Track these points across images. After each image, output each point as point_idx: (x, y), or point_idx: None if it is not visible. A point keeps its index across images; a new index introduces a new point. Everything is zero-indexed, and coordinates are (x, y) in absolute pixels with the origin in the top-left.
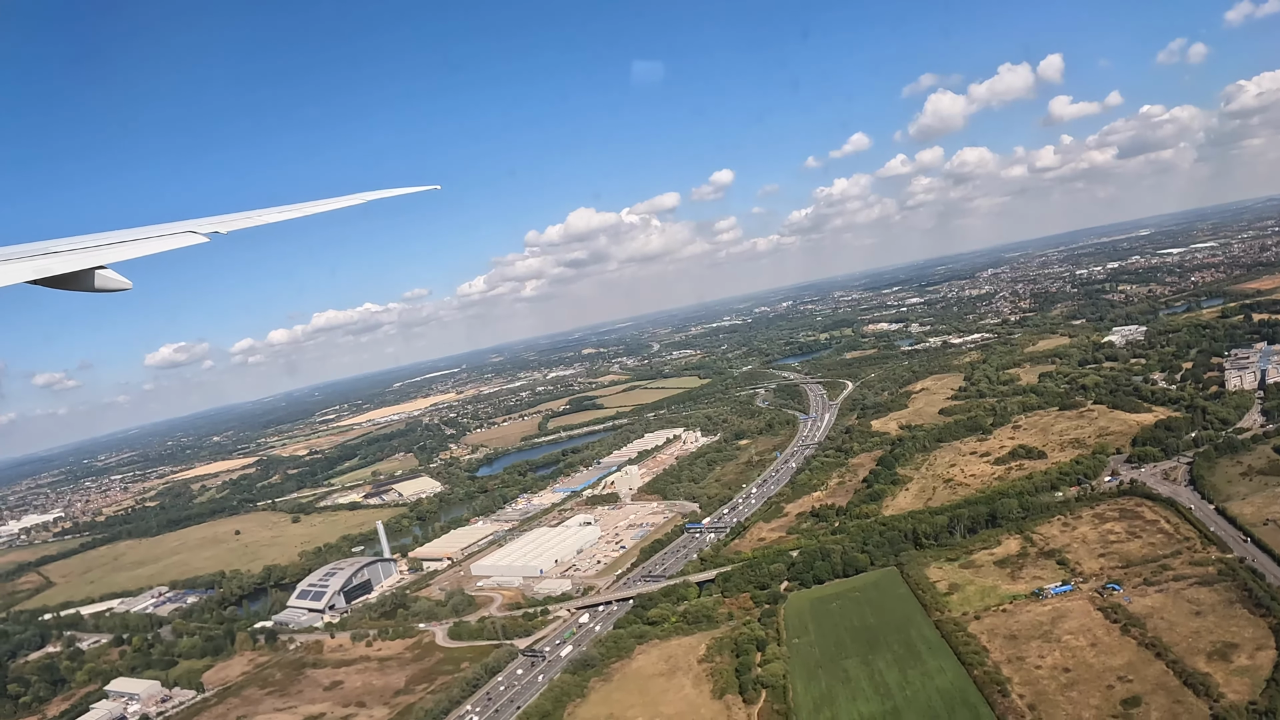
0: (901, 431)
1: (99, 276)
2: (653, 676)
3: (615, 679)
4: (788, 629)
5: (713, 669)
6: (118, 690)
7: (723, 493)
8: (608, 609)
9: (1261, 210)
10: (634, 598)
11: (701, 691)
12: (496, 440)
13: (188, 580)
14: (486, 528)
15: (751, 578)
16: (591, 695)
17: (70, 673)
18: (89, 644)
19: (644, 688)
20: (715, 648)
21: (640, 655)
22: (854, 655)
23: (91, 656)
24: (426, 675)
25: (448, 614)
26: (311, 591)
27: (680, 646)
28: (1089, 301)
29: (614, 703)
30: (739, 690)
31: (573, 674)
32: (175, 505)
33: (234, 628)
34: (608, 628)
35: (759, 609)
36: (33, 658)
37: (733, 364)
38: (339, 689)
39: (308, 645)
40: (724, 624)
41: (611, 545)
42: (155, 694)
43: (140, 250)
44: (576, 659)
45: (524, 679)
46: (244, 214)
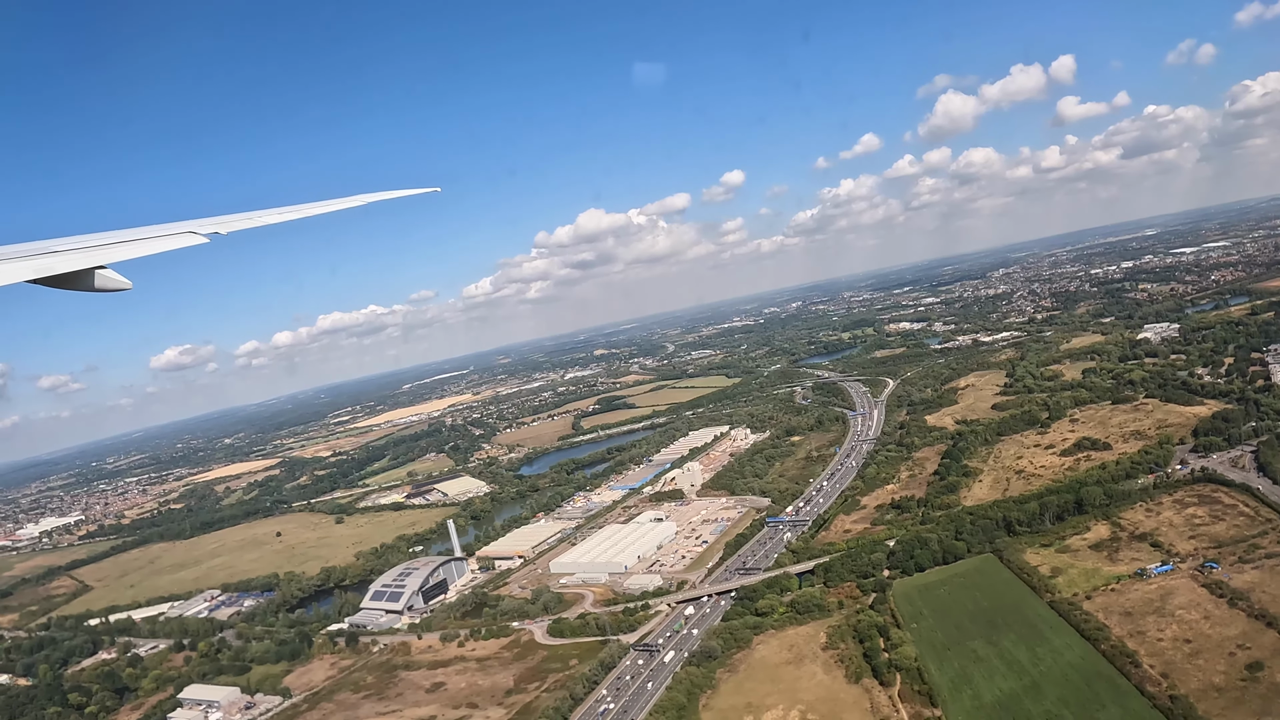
0: (959, 426)
1: (99, 276)
2: (779, 665)
3: (741, 669)
4: (902, 615)
5: (840, 655)
6: (193, 698)
7: (791, 487)
8: (711, 602)
9: (1267, 210)
10: (736, 590)
11: (835, 677)
12: (530, 440)
13: (240, 583)
14: (551, 526)
15: (852, 567)
16: (721, 686)
17: (134, 680)
18: (146, 650)
19: (774, 676)
20: (836, 635)
21: (760, 645)
22: (977, 637)
23: (153, 663)
24: (535, 674)
25: (539, 612)
26: (387, 592)
27: (798, 635)
28: (1112, 300)
29: (747, 692)
30: (873, 674)
31: (697, 666)
32: (202, 507)
33: (308, 631)
34: (714, 620)
35: (867, 597)
36: (86, 665)
37: (759, 363)
38: (442, 690)
39: (393, 647)
40: (836, 612)
41: (692, 540)
42: (236, 700)
43: (141, 250)
44: (696, 651)
45: (643, 673)
46: (245, 215)
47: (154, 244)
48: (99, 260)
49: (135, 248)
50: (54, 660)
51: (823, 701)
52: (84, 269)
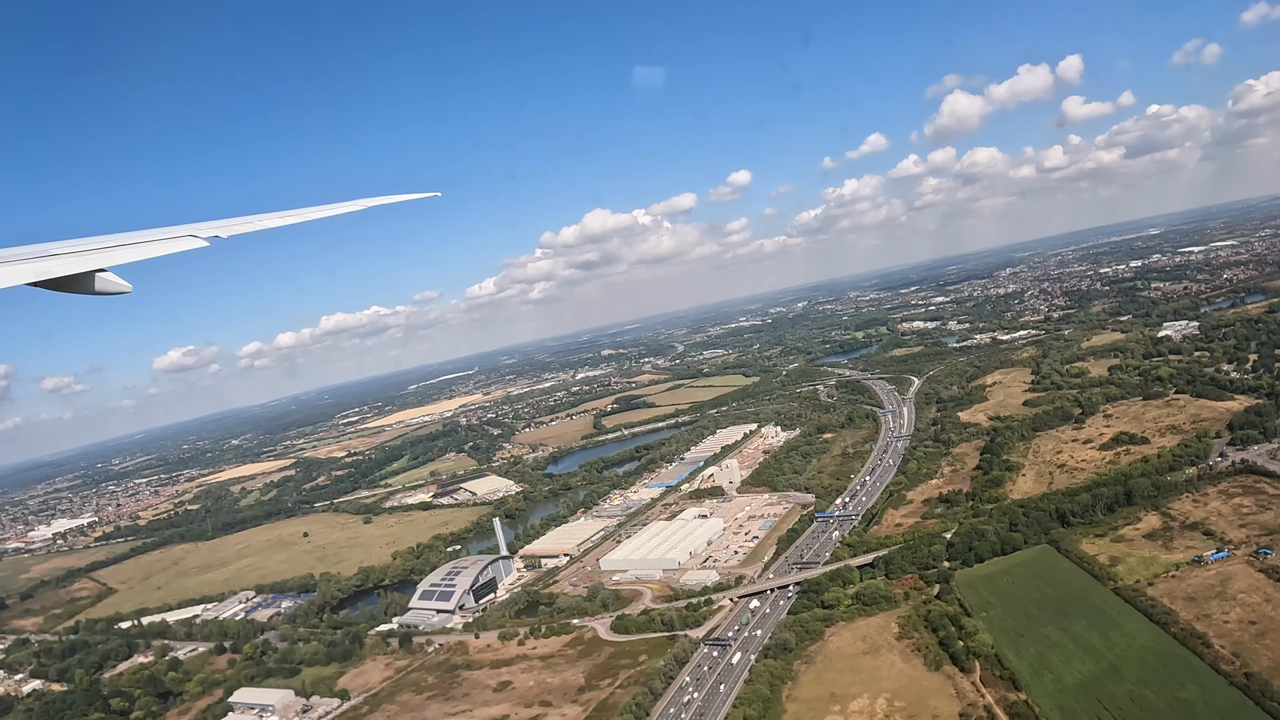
0: (993, 422)
1: (99, 279)
2: (856, 655)
3: (818, 660)
4: (970, 604)
5: (915, 644)
6: (244, 702)
7: (833, 483)
8: (774, 596)
9: (1270, 209)
10: (799, 584)
11: (914, 665)
12: (551, 439)
13: (275, 584)
14: (593, 524)
15: (912, 559)
16: (801, 677)
17: (177, 684)
18: (186, 653)
19: (852, 666)
20: (908, 625)
21: (833, 637)
22: (1049, 624)
23: (194, 666)
24: (605, 670)
25: (598, 609)
26: (437, 591)
27: (869, 626)
28: (1127, 299)
29: (828, 682)
30: (952, 661)
31: (774, 658)
32: (220, 508)
33: (358, 631)
34: (780, 614)
35: (931, 588)
36: (122, 669)
37: (775, 362)
38: (510, 689)
39: (450, 646)
40: (903, 603)
41: (741, 536)
42: (291, 704)
43: (141, 254)
44: (771, 644)
45: (718, 667)
46: (244, 219)
47: (154, 247)
48: (99, 263)
49: (135, 251)
50: (88, 665)
51: (906, 689)
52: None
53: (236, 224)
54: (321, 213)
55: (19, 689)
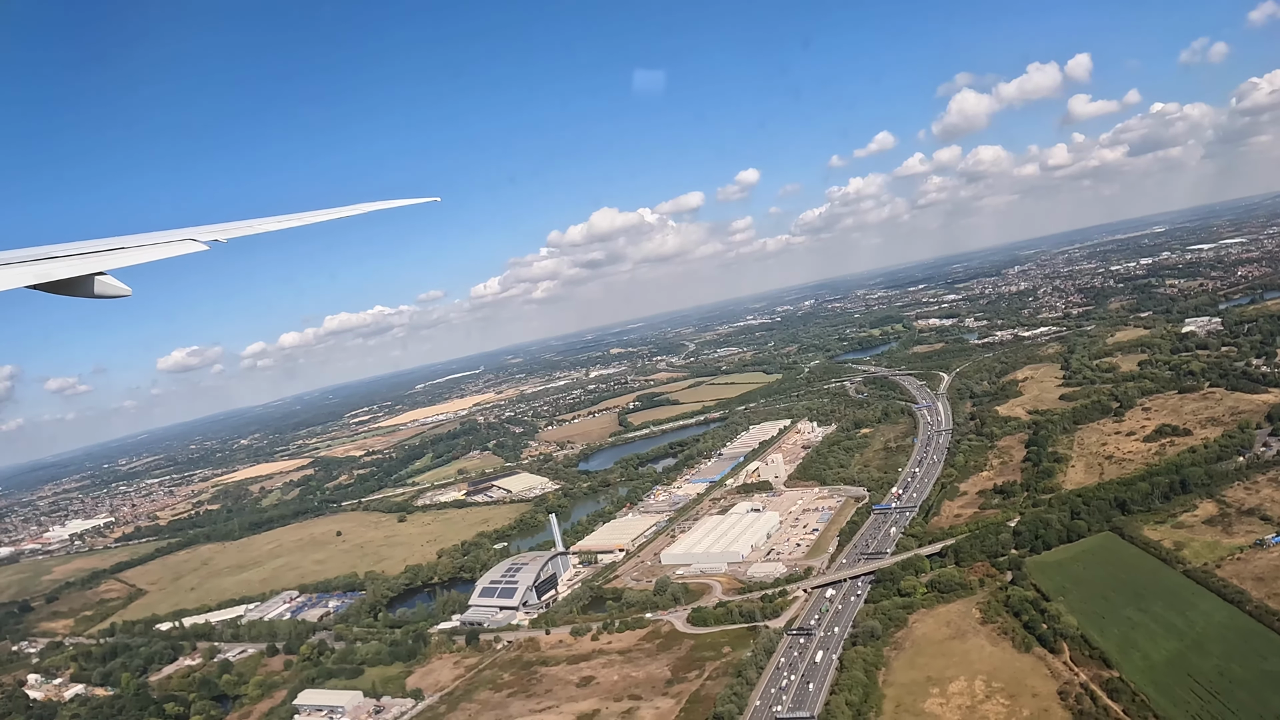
0: (1033, 416)
1: (99, 283)
2: (943, 640)
3: (907, 646)
4: (1046, 589)
5: (1000, 628)
6: (310, 704)
7: (881, 477)
8: (848, 586)
9: (1275, 206)
10: (871, 573)
11: (1003, 648)
12: (577, 436)
13: (319, 583)
14: (642, 519)
15: (981, 547)
16: (893, 663)
17: (232, 687)
18: (235, 655)
19: (942, 650)
20: (990, 610)
21: (916, 623)
22: (1127, 605)
23: (246, 668)
24: (690, 663)
25: (669, 603)
26: (498, 588)
27: (950, 613)
28: (1144, 296)
29: (921, 666)
30: (1040, 643)
31: (863, 645)
32: (241, 508)
33: (419, 630)
34: (857, 603)
35: (1004, 574)
36: (168, 672)
37: (794, 360)
38: (594, 685)
39: (519, 643)
40: (979, 590)
41: (799, 529)
42: (361, 705)
43: (140, 257)
44: (857, 632)
45: (806, 655)
46: (244, 222)
47: (154, 251)
48: (99, 266)
49: (135, 254)
50: (133, 668)
51: (1000, 671)
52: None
53: (236, 228)
54: (321, 217)
55: (60, 694)
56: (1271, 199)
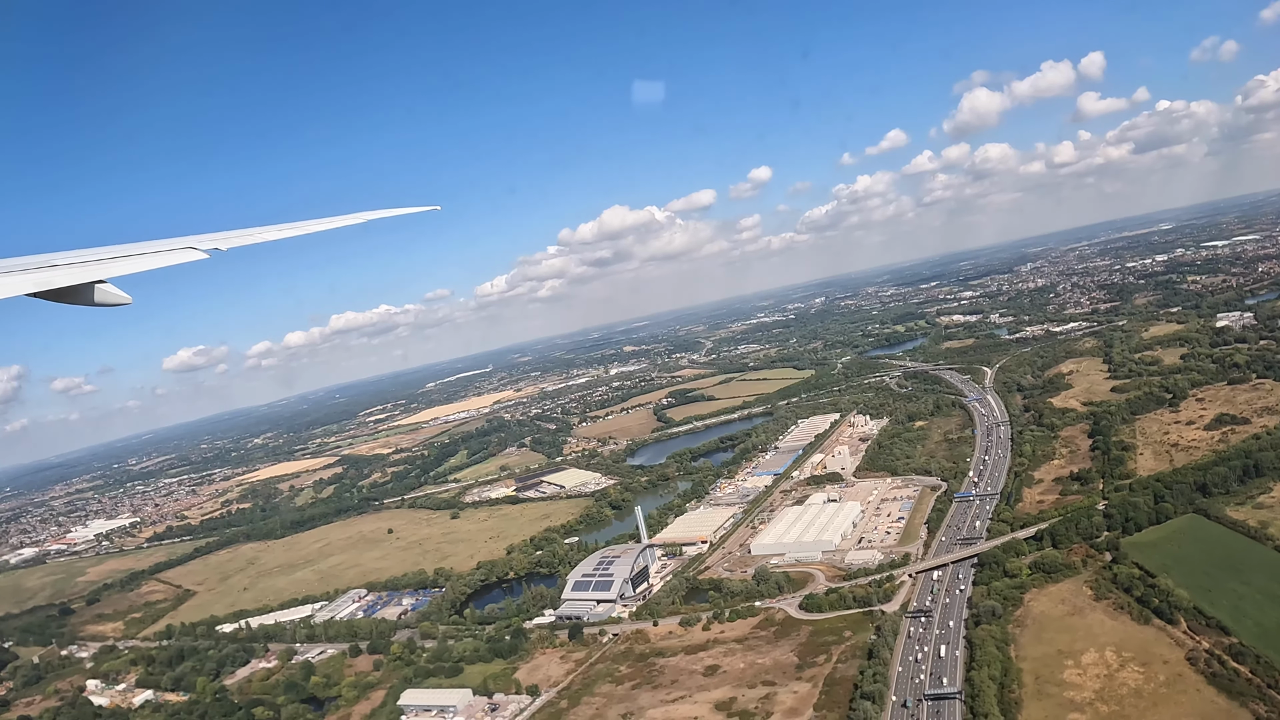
0: (1088, 407)
1: (99, 291)
2: (1062, 617)
3: (1028, 623)
4: (1148, 567)
5: (1114, 603)
6: (417, 703)
7: (951, 466)
8: (952, 569)
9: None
10: (972, 557)
11: (1121, 622)
12: (615, 432)
13: (388, 581)
14: (714, 511)
15: (1076, 530)
16: (1020, 639)
17: (322, 689)
18: (315, 655)
19: (1063, 626)
20: (1099, 587)
21: (1031, 602)
22: (1229, 579)
23: (330, 669)
24: (815, 648)
25: (772, 591)
26: (592, 582)
27: (1061, 591)
28: (1169, 292)
29: (1048, 641)
30: (1156, 615)
31: (987, 624)
32: (274, 507)
33: (517, 626)
34: (966, 586)
35: (1104, 555)
36: (242, 674)
37: (821, 356)
38: (720, 673)
39: (627, 636)
40: (1083, 570)
41: (884, 517)
42: (474, 703)
43: (141, 265)
44: (979, 611)
45: (930, 635)
46: (244, 231)
47: (154, 259)
48: (99, 275)
49: (135, 263)
50: (205, 672)
51: (1125, 642)
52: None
53: (236, 236)
54: (320, 226)
55: (128, 700)
56: (1276, 196)
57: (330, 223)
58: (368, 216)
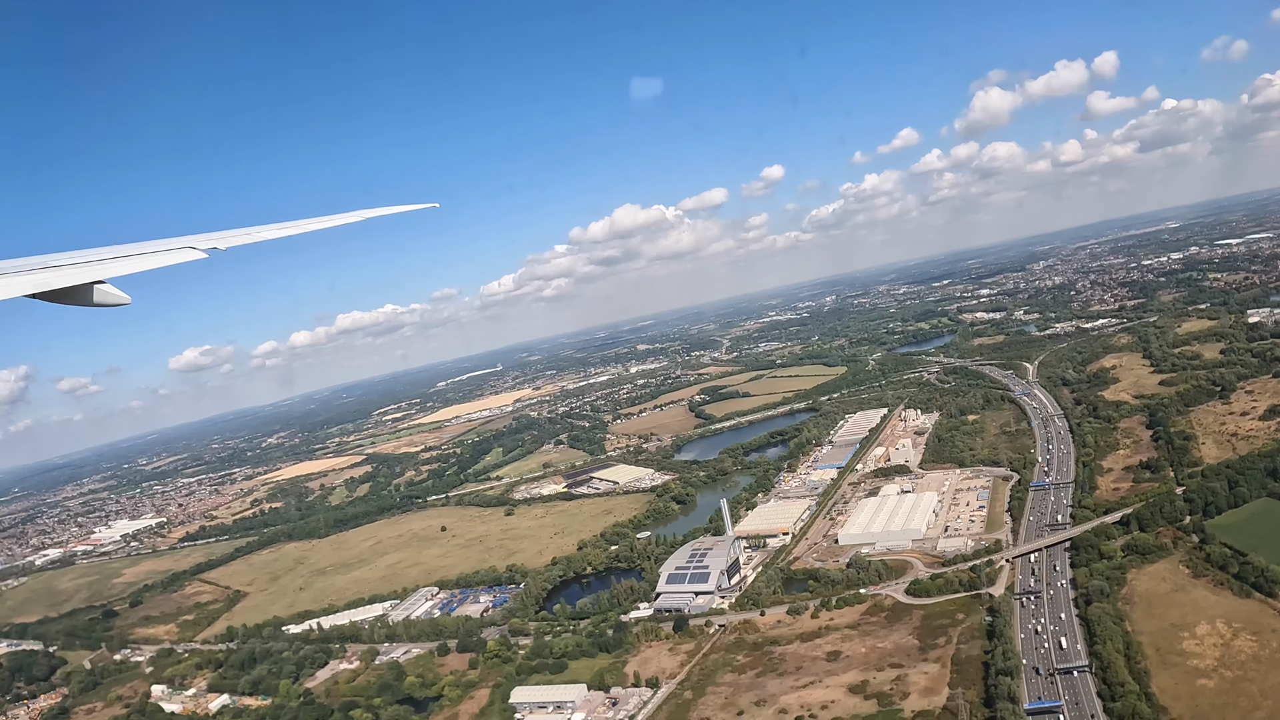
0: (1142, 400)
1: (98, 291)
2: (1166, 594)
3: (1135, 601)
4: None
5: (1213, 580)
6: (530, 701)
7: (1017, 457)
8: (1046, 553)
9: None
10: (1064, 541)
11: (1224, 596)
12: (653, 429)
13: (461, 578)
14: (787, 504)
15: (1161, 514)
16: (1131, 615)
17: (417, 689)
18: (401, 655)
19: (1170, 602)
20: (1195, 566)
21: (1133, 581)
22: None
23: (420, 669)
24: (931, 631)
25: (872, 578)
26: (688, 574)
27: (1159, 570)
28: (1193, 289)
29: (1158, 616)
30: (1256, 590)
31: (1098, 602)
32: (309, 505)
33: (610, 619)
34: (1063, 569)
35: (1190, 536)
36: (322, 676)
37: (851, 353)
38: (844, 658)
39: (734, 626)
40: (1174, 550)
41: (963, 507)
42: (592, 698)
43: (139, 265)
44: (1088, 591)
45: (1042, 614)
46: (243, 230)
47: (153, 259)
48: (97, 275)
49: (134, 263)
50: (285, 674)
51: (1233, 614)
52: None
53: (235, 235)
54: (319, 224)
55: (202, 706)
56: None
57: (329, 221)
58: (367, 215)
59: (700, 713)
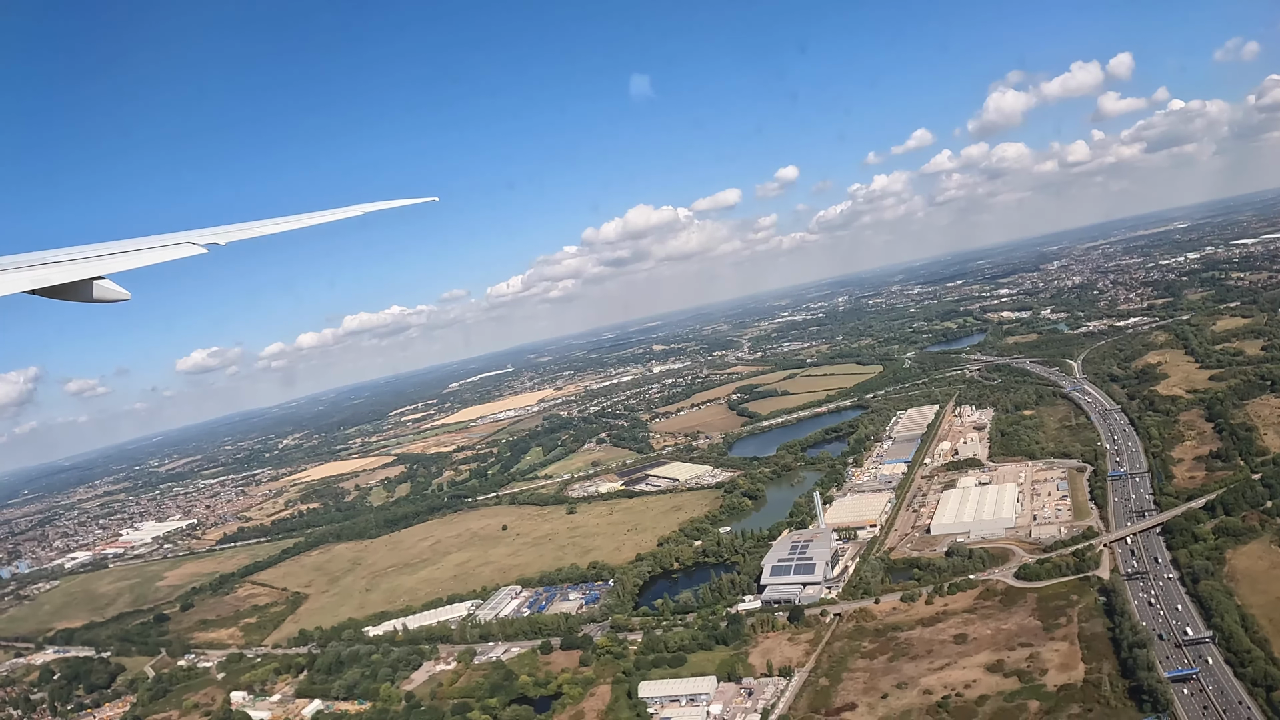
0: (1195, 394)
1: (97, 287)
2: (1267, 570)
3: (1239, 578)
4: None
5: None
6: (660, 695)
7: (1085, 449)
8: (1138, 538)
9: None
10: (1156, 526)
11: None
12: (695, 427)
13: (543, 576)
14: (867, 497)
15: (1244, 499)
16: (1238, 590)
17: (533, 687)
18: (500, 654)
19: (1272, 577)
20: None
21: (1232, 560)
22: None
23: (527, 667)
24: (1051, 611)
25: (976, 566)
26: (792, 566)
27: (1254, 550)
28: (1219, 288)
29: (1264, 591)
30: None
31: (1206, 580)
32: (350, 506)
33: (722, 611)
34: (1158, 552)
35: (1275, 519)
36: (418, 678)
37: (882, 352)
38: (970, 640)
39: (850, 614)
40: (1263, 532)
41: (1045, 497)
42: (724, 688)
43: (138, 261)
44: (1193, 570)
45: (1152, 594)
46: (242, 225)
47: (152, 254)
48: (97, 271)
49: (133, 258)
50: (379, 677)
51: None
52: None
53: (234, 231)
54: (319, 219)
55: (291, 712)
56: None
57: (328, 215)
58: (365, 209)
59: (843, 698)
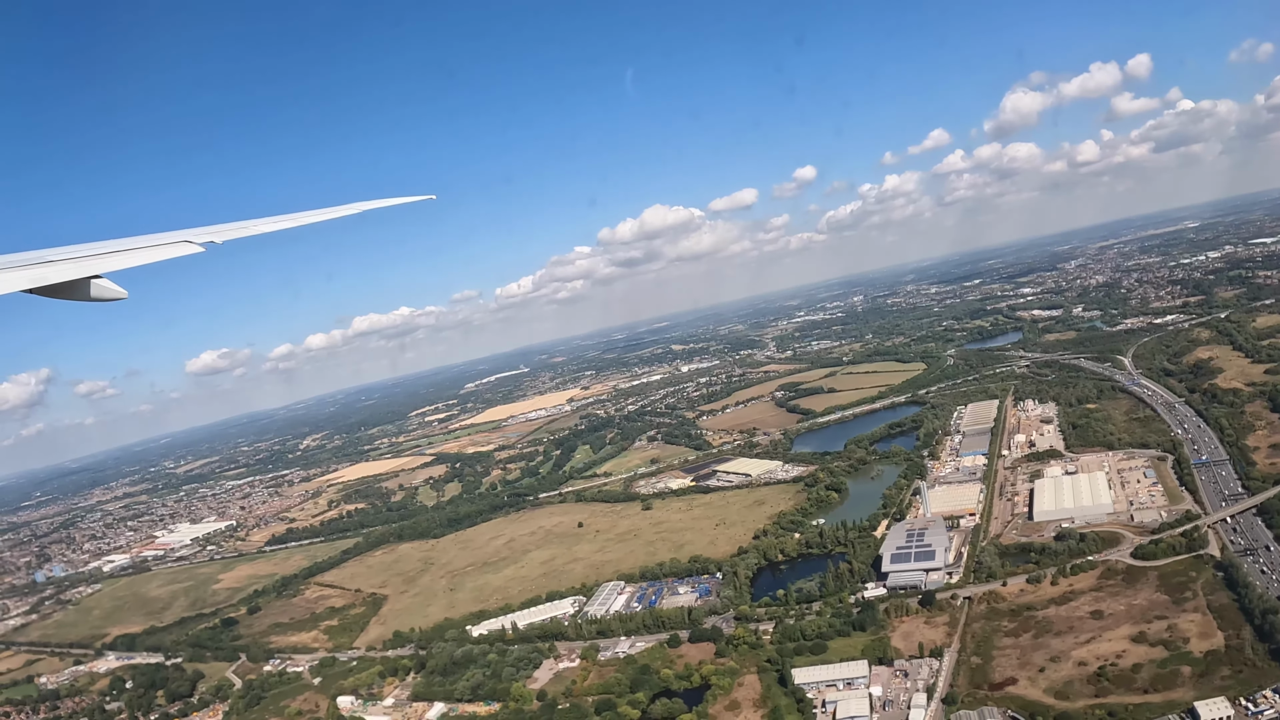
0: (1253, 387)
1: (95, 286)
2: None
3: None
4: None
5: None
6: (814, 680)
7: (1159, 439)
8: (1240, 518)
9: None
10: (1253, 508)
11: None
12: (744, 424)
13: (644, 571)
14: (959, 488)
15: None
16: None
17: (675, 680)
18: (629, 649)
19: None
20: None
21: None
22: None
23: (657, 660)
24: (1175, 586)
25: (1090, 548)
26: (912, 553)
27: None
28: (1251, 286)
29: None
30: None
31: None
32: (402, 506)
33: (846, 600)
34: (1260, 532)
35: None
36: (540, 676)
37: (926, 350)
38: (1106, 616)
39: (981, 597)
40: None
41: (1135, 484)
42: (879, 672)
43: (135, 260)
44: None
45: (1264, 566)
46: (239, 224)
47: (149, 253)
48: (94, 270)
49: (130, 257)
50: (503, 677)
51: None
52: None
53: (231, 229)
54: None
55: (415, 716)
56: None
57: (324, 214)
58: (362, 207)
59: (1000, 673)
